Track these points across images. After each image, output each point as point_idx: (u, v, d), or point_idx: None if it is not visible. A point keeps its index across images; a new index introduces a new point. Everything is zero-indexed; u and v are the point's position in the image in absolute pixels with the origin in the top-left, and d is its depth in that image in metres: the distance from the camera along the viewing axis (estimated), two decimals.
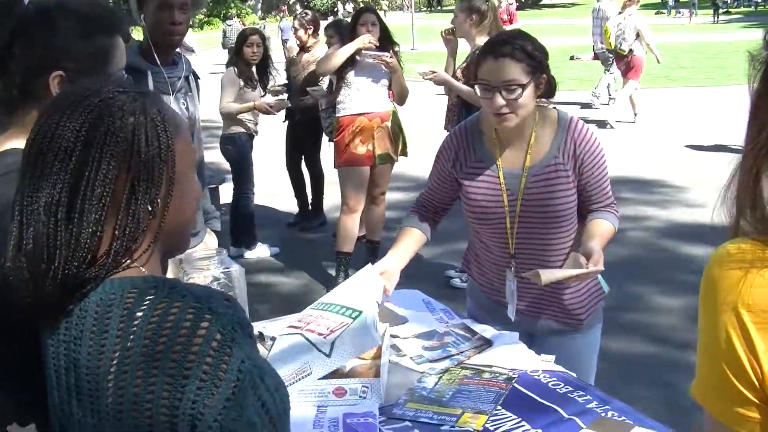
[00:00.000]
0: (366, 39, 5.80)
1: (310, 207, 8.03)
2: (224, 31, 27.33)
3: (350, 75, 5.96)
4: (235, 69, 6.90)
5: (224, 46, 26.11)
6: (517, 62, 2.60)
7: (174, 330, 1.19)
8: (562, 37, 29.70)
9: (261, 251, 7.17)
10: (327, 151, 7.03)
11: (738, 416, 1.11)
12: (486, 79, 2.64)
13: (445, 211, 3.07)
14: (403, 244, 2.96)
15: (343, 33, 6.52)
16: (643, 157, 10.40)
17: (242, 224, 7.11)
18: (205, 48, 29.66)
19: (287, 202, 8.51)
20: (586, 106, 14.73)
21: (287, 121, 7.84)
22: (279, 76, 7.39)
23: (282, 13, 59.59)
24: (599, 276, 2.77)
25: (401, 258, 2.89)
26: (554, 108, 2.81)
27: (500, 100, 2.61)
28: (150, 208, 1.30)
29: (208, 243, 3.55)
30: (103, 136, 1.26)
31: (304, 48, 7.52)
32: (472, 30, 5.64)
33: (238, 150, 6.97)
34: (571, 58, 22.92)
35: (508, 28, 9.75)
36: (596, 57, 22.41)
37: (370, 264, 2.81)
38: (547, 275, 2.44)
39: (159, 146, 1.30)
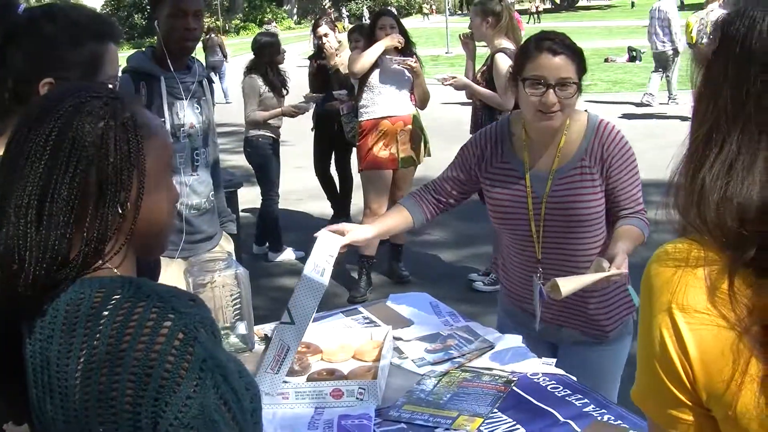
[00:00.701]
0: (395, 38, 5.82)
1: (341, 210, 8.03)
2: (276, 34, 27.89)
3: (373, 79, 5.96)
4: (256, 76, 6.96)
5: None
6: (571, 61, 2.59)
7: (137, 329, 1.21)
8: (597, 40, 29.55)
9: (287, 255, 7.19)
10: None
11: (672, 418, 1.10)
12: (539, 74, 2.59)
13: (448, 204, 2.94)
14: (383, 219, 2.97)
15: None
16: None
17: (267, 228, 7.14)
18: (241, 53, 29.87)
19: (313, 206, 8.56)
20: (640, 106, 14.58)
21: (315, 130, 7.86)
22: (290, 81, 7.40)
23: (327, 18, 59.83)
24: (630, 288, 2.75)
25: (373, 229, 2.81)
26: (585, 111, 2.78)
27: (553, 97, 2.57)
28: (120, 211, 1.31)
29: (223, 246, 3.59)
30: (71, 140, 1.29)
31: (320, 51, 7.49)
32: (490, 32, 5.63)
33: (259, 153, 7.01)
34: (606, 60, 22.77)
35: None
36: (631, 59, 22.45)
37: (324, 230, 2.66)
38: (567, 286, 2.35)
39: (129, 150, 1.32)
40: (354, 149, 6.69)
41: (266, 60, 7.02)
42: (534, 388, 2.36)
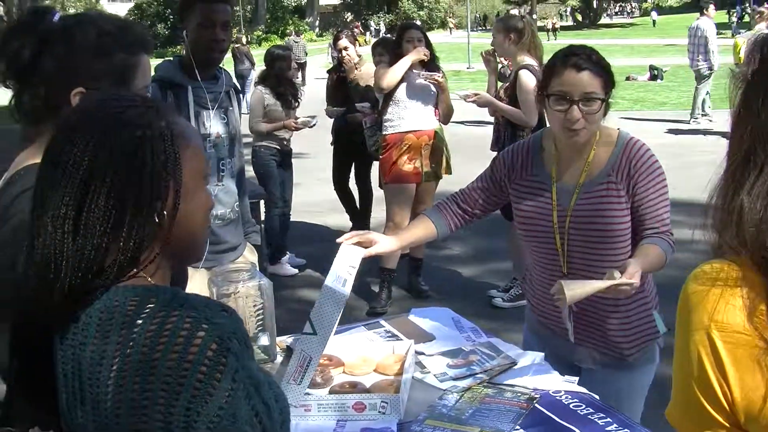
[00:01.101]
0: (422, 51, 5.83)
1: (360, 223, 7.95)
2: (291, 48, 28.54)
3: (399, 93, 5.96)
4: (263, 88, 7.06)
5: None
6: (597, 76, 2.60)
7: (171, 338, 1.21)
8: (619, 58, 29.49)
9: (283, 269, 7.17)
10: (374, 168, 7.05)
11: None
12: (564, 90, 2.60)
13: (474, 215, 2.95)
14: (407, 230, 3.00)
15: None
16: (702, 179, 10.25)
17: (268, 238, 7.11)
18: (262, 65, 30.11)
19: (334, 219, 8.58)
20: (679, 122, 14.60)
21: (334, 143, 7.86)
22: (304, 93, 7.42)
23: (356, 30, 60.13)
24: (656, 314, 2.74)
25: (397, 240, 2.84)
26: (618, 128, 2.77)
27: (577, 113, 2.58)
28: (156, 220, 1.32)
29: (247, 257, 3.60)
30: (109, 150, 1.30)
31: (340, 65, 7.47)
32: (512, 48, 5.66)
33: (260, 163, 7.08)
34: (627, 78, 22.74)
35: None
36: (653, 77, 22.40)
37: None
38: (573, 290, 2.33)
39: (165, 159, 1.33)
40: (375, 162, 6.70)
41: (276, 72, 7.08)
42: (556, 406, 2.36)
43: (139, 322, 1.24)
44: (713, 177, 1.14)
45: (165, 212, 1.34)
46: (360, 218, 7.96)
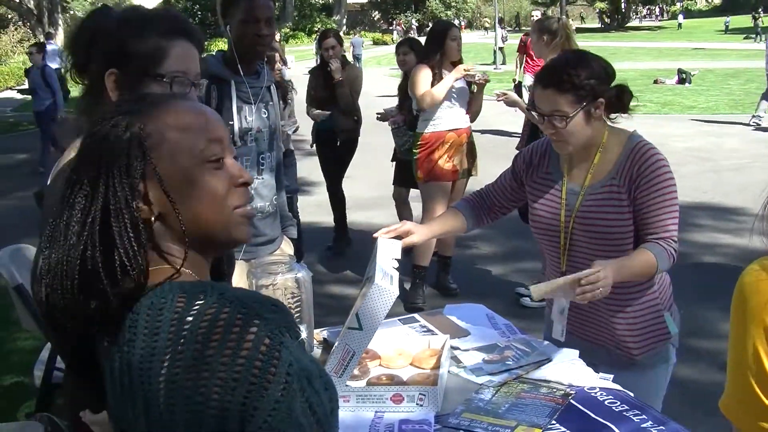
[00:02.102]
0: (462, 68, 5.88)
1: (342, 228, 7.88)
2: (352, 43, 31.29)
3: None
4: None
5: (352, 54, 30.43)
6: (562, 93, 2.63)
7: (224, 335, 1.23)
8: (647, 61, 29.35)
9: None
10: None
11: (763, 430, 1.13)
12: (537, 106, 2.70)
13: (498, 211, 3.05)
14: (438, 220, 3.05)
15: (417, 50, 6.63)
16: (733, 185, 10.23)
17: None
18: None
19: (359, 216, 8.62)
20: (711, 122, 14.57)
21: (315, 145, 7.74)
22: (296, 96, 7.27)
23: (399, 27, 60.11)
24: (668, 316, 2.77)
25: (430, 230, 2.91)
26: (633, 130, 2.79)
27: (549, 128, 2.67)
28: (148, 220, 1.37)
29: (284, 249, 3.64)
30: (82, 159, 1.39)
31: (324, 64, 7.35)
32: (545, 49, 5.76)
33: None
34: (655, 81, 22.64)
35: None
36: (681, 81, 22.26)
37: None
38: (539, 288, 2.51)
39: (128, 162, 1.36)
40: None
41: None
42: (592, 402, 2.38)
43: (189, 319, 1.26)
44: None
45: (154, 211, 1.37)
46: (343, 225, 7.91)
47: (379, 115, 7.25)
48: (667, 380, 2.94)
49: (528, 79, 11.10)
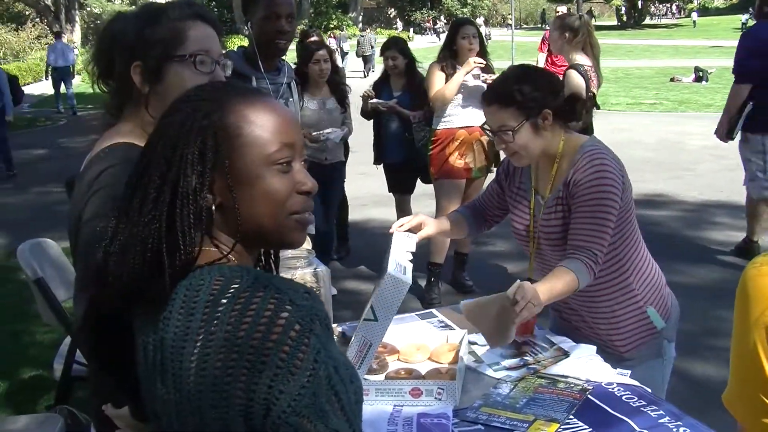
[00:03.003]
0: (472, 62, 5.83)
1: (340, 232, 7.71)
2: (358, 41, 32.29)
3: None
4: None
5: (357, 54, 31.55)
6: (504, 108, 2.66)
7: (255, 318, 1.25)
8: (663, 59, 29.26)
9: None
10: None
11: (764, 426, 1.14)
12: (487, 123, 2.75)
13: (492, 219, 3.09)
14: (446, 218, 3.05)
15: (404, 51, 6.65)
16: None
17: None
18: None
19: (378, 212, 8.64)
20: None
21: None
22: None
23: (428, 25, 60.16)
24: (651, 311, 2.77)
25: (439, 225, 2.92)
26: (588, 138, 2.77)
27: (500, 143, 2.71)
28: (210, 209, 1.39)
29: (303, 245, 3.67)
30: (161, 144, 1.39)
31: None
32: (567, 47, 5.75)
33: None
34: (672, 79, 22.57)
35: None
36: (698, 79, 22.17)
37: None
38: (468, 305, 2.57)
39: (204, 151, 1.37)
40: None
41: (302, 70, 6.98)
42: (609, 397, 2.40)
43: (224, 301, 1.28)
44: None
45: (216, 201, 1.39)
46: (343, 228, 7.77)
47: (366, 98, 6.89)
48: (666, 375, 2.93)
49: None
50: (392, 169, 7.03)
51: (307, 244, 3.69)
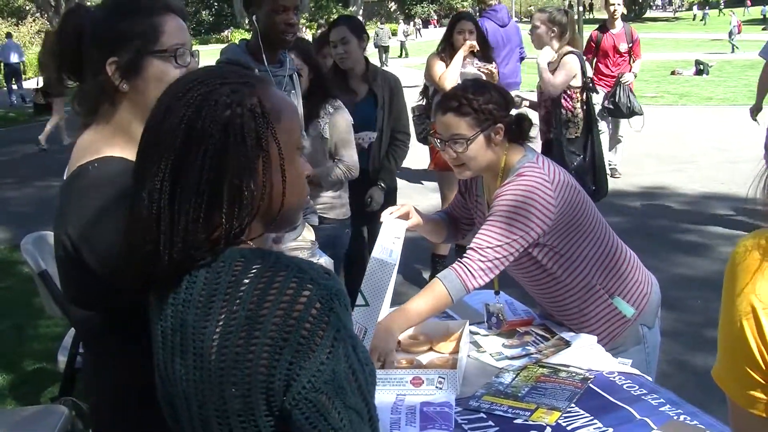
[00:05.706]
0: (467, 45, 5.81)
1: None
2: (376, 33, 34.29)
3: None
4: None
5: (375, 45, 34.00)
6: (461, 117, 2.66)
7: (278, 296, 1.27)
8: (664, 52, 29.23)
9: None
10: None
11: (751, 398, 1.18)
12: (437, 132, 2.75)
13: (464, 226, 3.10)
14: (433, 219, 3.06)
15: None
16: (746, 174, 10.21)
17: None
18: None
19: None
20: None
21: None
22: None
23: (432, 24, 60.15)
24: (618, 300, 2.76)
25: (425, 218, 2.92)
26: (525, 155, 2.73)
27: (450, 153, 2.70)
28: (252, 193, 1.36)
29: (305, 236, 3.68)
30: (200, 129, 1.34)
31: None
32: (555, 43, 5.76)
33: None
34: (672, 72, 22.55)
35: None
36: (698, 72, 22.15)
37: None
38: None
39: (257, 136, 1.36)
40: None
41: None
42: (610, 386, 2.42)
43: (246, 281, 1.30)
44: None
45: (258, 185, 1.37)
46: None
47: None
48: (651, 361, 2.89)
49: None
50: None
51: (311, 235, 3.73)
